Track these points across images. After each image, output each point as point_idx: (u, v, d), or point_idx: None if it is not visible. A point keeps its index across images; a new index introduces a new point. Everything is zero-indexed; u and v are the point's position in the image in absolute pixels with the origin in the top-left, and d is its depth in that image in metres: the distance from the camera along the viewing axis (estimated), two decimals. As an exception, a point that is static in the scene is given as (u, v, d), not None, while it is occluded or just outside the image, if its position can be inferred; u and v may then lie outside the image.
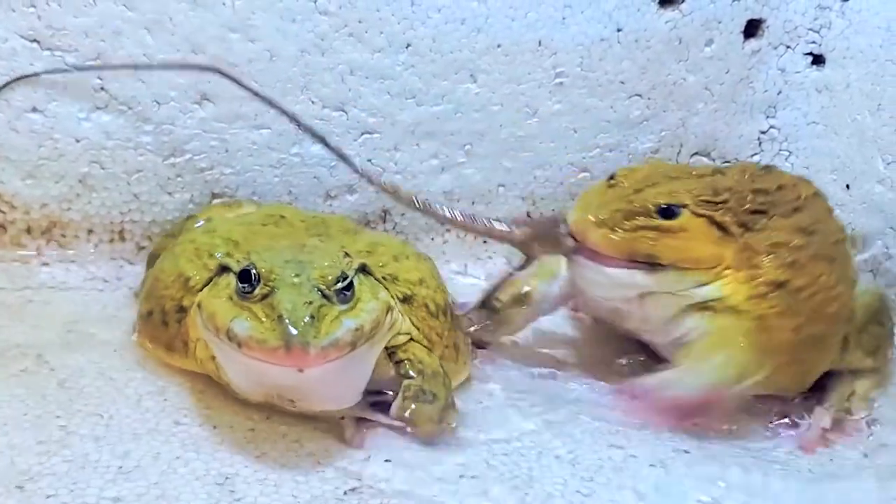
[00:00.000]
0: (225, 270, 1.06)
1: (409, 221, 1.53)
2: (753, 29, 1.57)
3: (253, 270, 1.00)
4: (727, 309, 1.17)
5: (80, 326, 1.27)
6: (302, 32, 1.38)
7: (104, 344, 1.22)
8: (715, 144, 1.63)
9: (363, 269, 1.07)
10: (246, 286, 0.99)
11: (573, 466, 1.09)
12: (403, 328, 1.11)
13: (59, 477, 0.96)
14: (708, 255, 1.17)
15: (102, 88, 1.34)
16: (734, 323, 1.17)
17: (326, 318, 0.96)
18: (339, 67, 1.42)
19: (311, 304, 0.96)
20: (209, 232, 1.22)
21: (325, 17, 1.39)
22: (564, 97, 1.51)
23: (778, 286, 1.17)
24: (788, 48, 1.59)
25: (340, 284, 1.00)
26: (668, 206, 1.16)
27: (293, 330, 0.94)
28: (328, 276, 1.00)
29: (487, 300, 1.31)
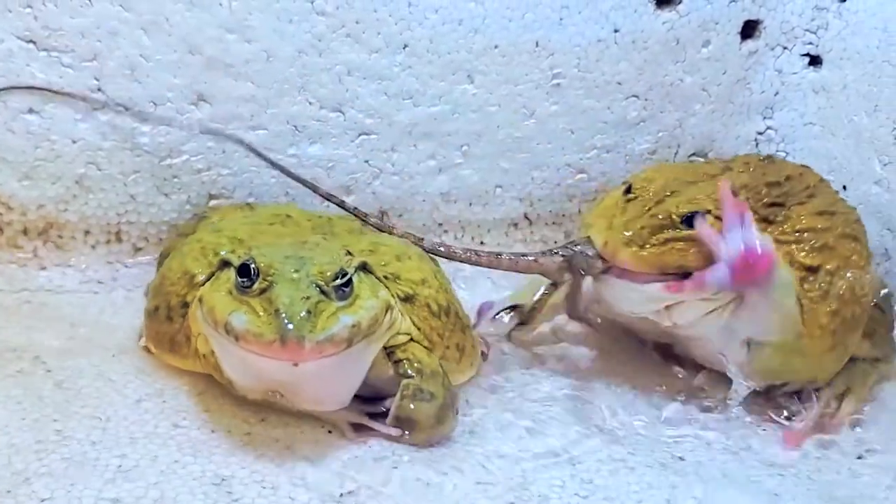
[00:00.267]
0: (226, 265, 1.06)
1: (406, 222, 1.53)
2: (750, 30, 1.58)
3: (252, 265, 1.00)
4: None
5: (77, 328, 1.27)
6: (299, 33, 1.38)
7: (102, 346, 1.22)
8: (712, 145, 1.63)
9: (364, 267, 1.07)
10: (245, 280, 1.00)
11: (573, 466, 1.09)
12: (403, 328, 1.11)
13: (56, 478, 0.96)
14: None
15: (99, 89, 1.34)
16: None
17: (323, 313, 0.97)
18: (336, 68, 1.41)
19: (308, 299, 0.96)
20: (216, 231, 1.22)
21: (322, 17, 1.38)
22: (561, 98, 1.51)
23: (812, 271, 1.18)
24: (785, 49, 1.60)
25: (339, 281, 1.00)
26: (691, 214, 1.15)
27: (289, 324, 0.94)
28: (327, 272, 1.00)
29: (524, 314, 1.35)
